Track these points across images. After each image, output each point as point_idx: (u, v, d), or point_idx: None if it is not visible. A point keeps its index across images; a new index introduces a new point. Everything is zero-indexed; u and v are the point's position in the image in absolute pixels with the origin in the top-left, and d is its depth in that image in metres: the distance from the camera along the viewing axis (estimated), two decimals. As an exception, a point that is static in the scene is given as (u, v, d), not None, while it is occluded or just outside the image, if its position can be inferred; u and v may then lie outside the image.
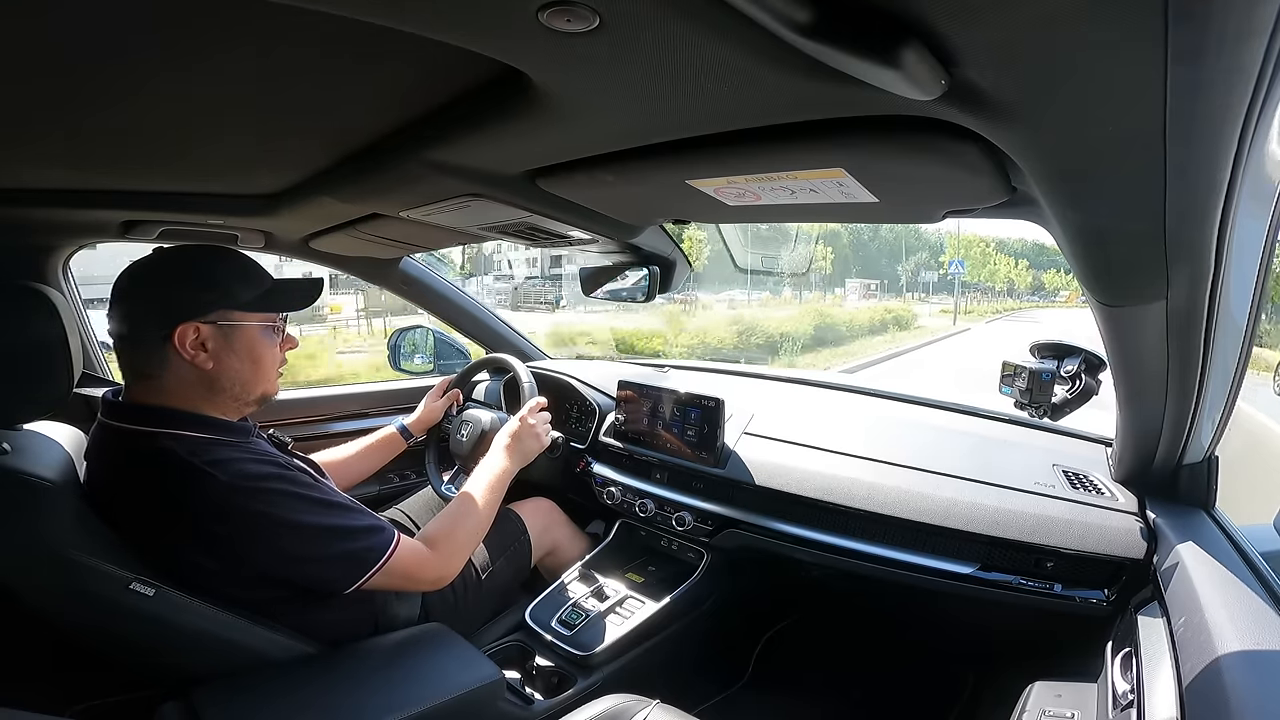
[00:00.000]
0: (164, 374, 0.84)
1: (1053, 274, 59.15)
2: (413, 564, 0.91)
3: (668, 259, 1.22)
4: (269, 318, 0.90)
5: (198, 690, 0.79)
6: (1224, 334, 0.68)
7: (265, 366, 0.90)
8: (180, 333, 0.82)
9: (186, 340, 0.83)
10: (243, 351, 0.87)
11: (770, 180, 0.65)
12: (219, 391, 0.87)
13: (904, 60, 0.36)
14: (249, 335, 0.88)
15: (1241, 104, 0.37)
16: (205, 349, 0.84)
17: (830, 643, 1.59)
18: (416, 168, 0.74)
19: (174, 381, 0.85)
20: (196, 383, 0.85)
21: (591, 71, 0.47)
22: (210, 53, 0.52)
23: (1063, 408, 1.09)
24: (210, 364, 0.85)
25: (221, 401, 0.88)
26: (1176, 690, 0.61)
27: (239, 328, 0.86)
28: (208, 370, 0.85)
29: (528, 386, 1.38)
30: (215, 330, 0.85)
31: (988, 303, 48.93)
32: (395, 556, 0.87)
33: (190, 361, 0.83)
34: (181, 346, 0.83)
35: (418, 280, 1.72)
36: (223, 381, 0.86)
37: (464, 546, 1.00)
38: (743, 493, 1.24)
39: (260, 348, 0.89)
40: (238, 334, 0.86)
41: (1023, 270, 56.42)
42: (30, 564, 0.76)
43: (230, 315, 0.86)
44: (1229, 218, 0.50)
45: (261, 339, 0.89)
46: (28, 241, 1.31)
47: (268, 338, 0.90)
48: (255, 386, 0.90)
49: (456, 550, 0.98)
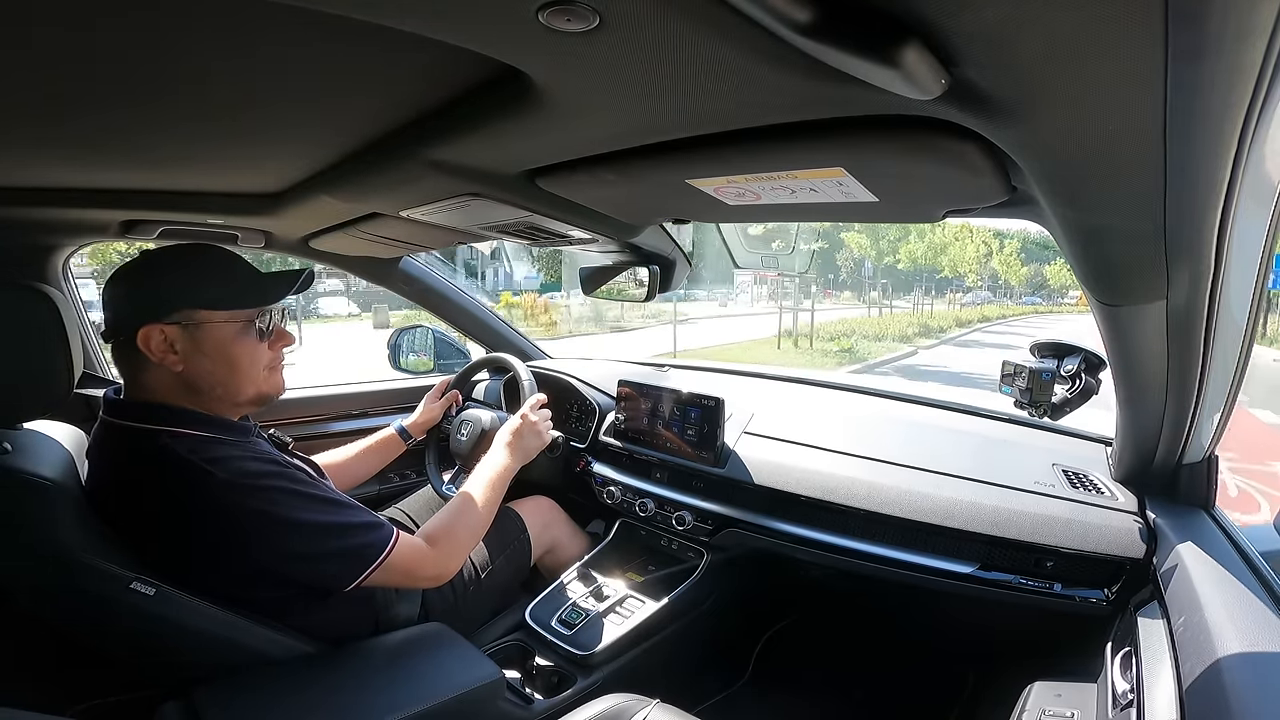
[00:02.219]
0: (144, 376, 0.84)
1: (1058, 266, 40.27)
2: (412, 561, 0.90)
3: (668, 258, 1.22)
4: (243, 314, 0.87)
5: (198, 690, 0.79)
6: (1224, 334, 0.68)
7: (243, 366, 0.87)
8: (144, 335, 0.81)
9: (151, 343, 0.81)
10: (213, 352, 0.84)
11: (770, 180, 0.65)
12: (199, 393, 0.85)
13: (904, 60, 0.36)
14: (219, 335, 0.84)
15: (1242, 103, 0.37)
16: (175, 350, 0.82)
17: (830, 642, 1.59)
18: (416, 167, 0.74)
19: (154, 382, 0.84)
20: (175, 384, 0.84)
21: (591, 71, 0.47)
22: (210, 52, 0.52)
23: (1063, 407, 1.09)
24: (180, 366, 0.83)
25: (208, 402, 0.86)
26: (1176, 690, 0.61)
27: (206, 327, 0.84)
28: (179, 372, 0.83)
29: (528, 386, 1.38)
30: (181, 331, 0.82)
31: (973, 307, 30.72)
32: (394, 553, 0.87)
33: (161, 364, 0.82)
34: (148, 349, 0.81)
35: (418, 280, 1.72)
36: (198, 383, 0.84)
37: (464, 544, 1.00)
38: (743, 492, 1.24)
39: (234, 347, 0.86)
40: (205, 334, 0.84)
41: (1011, 258, 34.56)
42: (30, 563, 0.76)
43: (194, 315, 0.83)
44: (1229, 217, 0.50)
45: (237, 339, 0.86)
46: (28, 241, 1.31)
47: (244, 336, 0.87)
48: (238, 387, 0.87)
49: (457, 547, 0.98)
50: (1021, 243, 39.25)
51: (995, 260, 34.30)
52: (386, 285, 1.72)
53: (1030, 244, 44.21)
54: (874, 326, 16.90)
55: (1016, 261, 35.68)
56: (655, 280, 1.22)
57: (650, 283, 1.22)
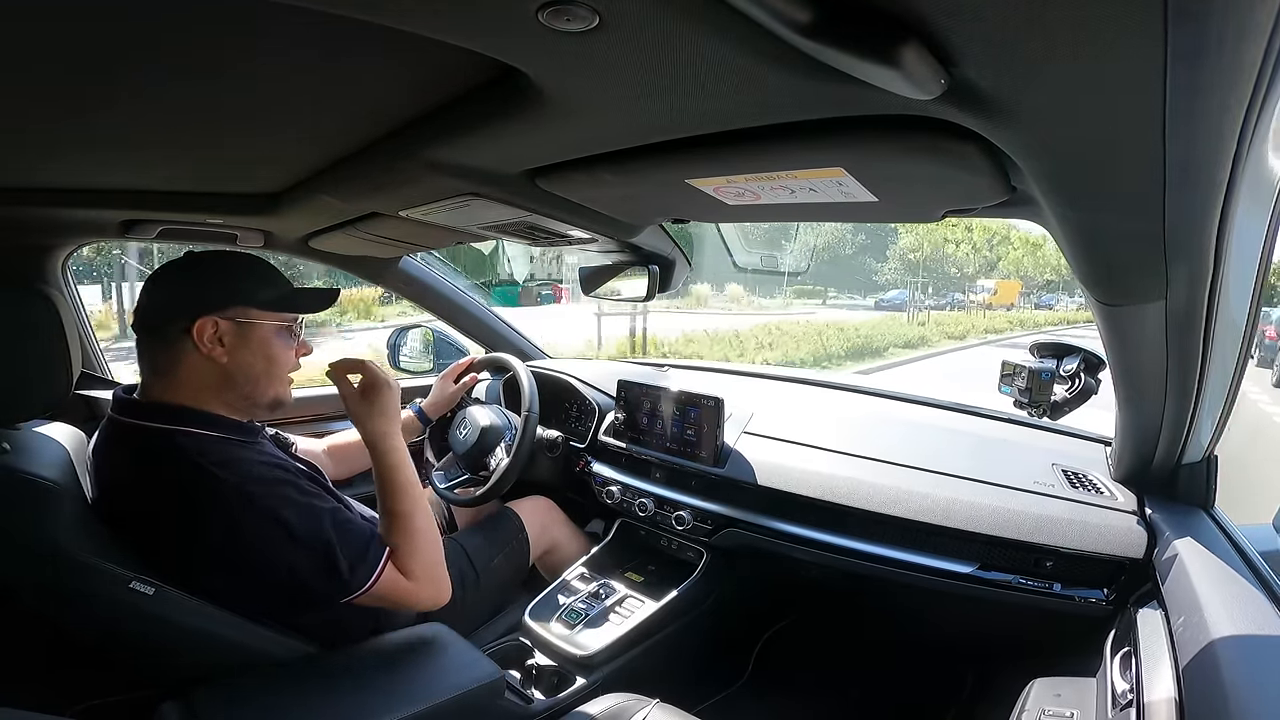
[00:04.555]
0: (180, 368, 0.86)
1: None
2: (400, 591, 0.90)
3: (667, 258, 1.22)
4: (285, 318, 0.92)
5: (198, 690, 0.78)
6: (1223, 333, 0.68)
7: (278, 366, 0.92)
8: (200, 326, 0.84)
9: (205, 334, 0.85)
10: (257, 349, 0.89)
11: (770, 180, 0.65)
12: (232, 388, 0.88)
13: (904, 60, 0.36)
14: (265, 334, 0.90)
15: (1241, 103, 0.37)
16: (222, 343, 0.86)
17: (830, 642, 1.59)
18: (415, 167, 0.74)
19: (189, 375, 0.86)
20: (211, 378, 0.87)
21: (591, 71, 0.47)
22: (210, 52, 0.52)
23: (1062, 407, 1.09)
24: (225, 358, 0.86)
25: (234, 399, 0.89)
26: (1175, 690, 0.61)
27: (256, 325, 0.89)
28: (223, 364, 0.86)
29: (528, 386, 1.38)
30: (233, 326, 0.87)
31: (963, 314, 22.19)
32: (380, 582, 0.87)
33: (207, 355, 0.85)
34: (199, 339, 0.85)
35: (418, 280, 1.72)
36: (236, 377, 0.88)
37: (435, 563, 0.95)
38: (742, 492, 1.24)
39: (274, 347, 0.91)
40: (254, 331, 0.89)
41: (1020, 246, 26.06)
42: (29, 563, 0.76)
43: (249, 313, 0.88)
44: (1228, 217, 0.50)
45: (277, 339, 0.91)
46: (27, 241, 1.31)
47: (283, 339, 0.92)
48: (268, 386, 0.91)
49: (435, 570, 0.94)
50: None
51: (1008, 250, 27.81)
52: (386, 285, 1.72)
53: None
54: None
55: (1025, 249, 27.97)
56: (655, 280, 1.22)
57: (650, 283, 1.22)
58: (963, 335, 16.27)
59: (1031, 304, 29.39)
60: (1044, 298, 30.26)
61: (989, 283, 27.11)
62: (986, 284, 27.03)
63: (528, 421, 1.36)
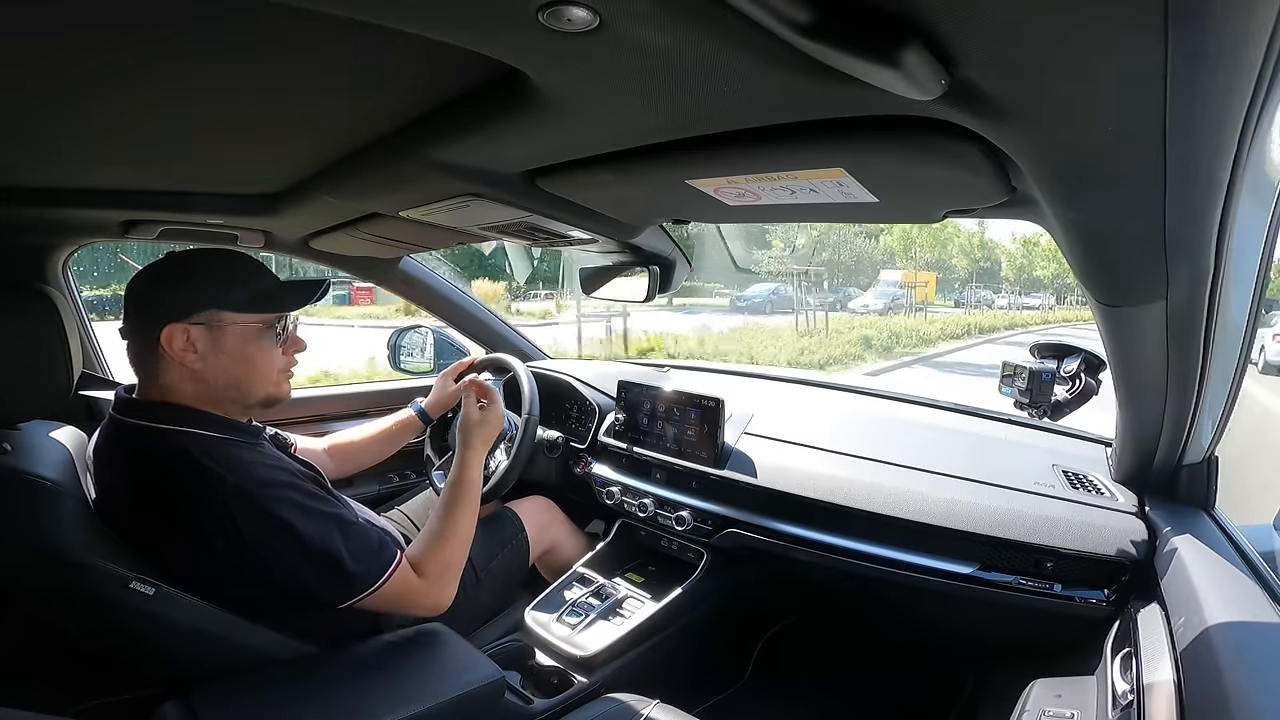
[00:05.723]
0: (162, 375, 0.85)
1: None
2: (405, 595, 0.90)
3: (668, 259, 1.22)
4: (263, 319, 0.89)
5: (198, 690, 0.79)
6: (1224, 334, 0.68)
7: (259, 368, 0.89)
8: (167, 334, 0.82)
9: (175, 342, 0.83)
10: (233, 352, 0.86)
11: (770, 180, 0.65)
12: (212, 392, 0.87)
13: (904, 60, 0.36)
14: (239, 336, 0.87)
15: (1242, 104, 0.37)
16: (195, 349, 0.84)
17: (830, 643, 1.59)
18: (416, 167, 0.74)
19: (171, 381, 0.85)
20: (190, 383, 0.85)
21: (591, 71, 0.47)
22: (210, 52, 0.52)
23: (1063, 407, 1.09)
24: (199, 364, 0.85)
25: (220, 403, 0.88)
26: (1176, 690, 0.61)
27: (228, 329, 0.86)
28: (197, 370, 0.85)
29: (528, 387, 1.38)
30: (204, 331, 0.84)
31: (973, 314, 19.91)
32: (387, 585, 0.87)
33: (180, 362, 0.84)
34: (169, 347, 0.83)
35: (418, 280, 1.72)
36: (214, 383, 0.86)
37: (456, 567, 0.97)
38: (742, 493, 1.24)
39: (252, 349, 0.88)
40: (226, 335, 0.86)
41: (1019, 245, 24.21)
42: (30, 563, 0.76)
43: (219, 316, 0.85)
44: (1229, 217, 0.50)
45: (256, 340, 0.88)
46: (28, 241, 1.31)
47: (265, 339, 0.89)
48: (251, 388, 0.89)
49: (449, 574, 0.96)
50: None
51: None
52: (386, 285, 1.72)
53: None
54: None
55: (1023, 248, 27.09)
56: (655, 281, 1.22)
57: (650, 283, 1.22)
58: (888, 348, 11.60)
59: (951, 300, 24.93)
60: (964, 294, 25.59)
61: (894, 274, 21.34)
62: (891, 276, 21.27)
63: (528, 422, 1.35)
